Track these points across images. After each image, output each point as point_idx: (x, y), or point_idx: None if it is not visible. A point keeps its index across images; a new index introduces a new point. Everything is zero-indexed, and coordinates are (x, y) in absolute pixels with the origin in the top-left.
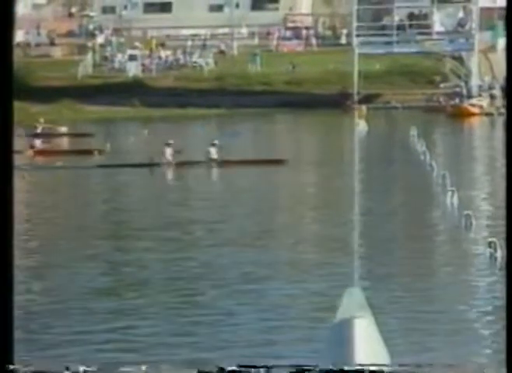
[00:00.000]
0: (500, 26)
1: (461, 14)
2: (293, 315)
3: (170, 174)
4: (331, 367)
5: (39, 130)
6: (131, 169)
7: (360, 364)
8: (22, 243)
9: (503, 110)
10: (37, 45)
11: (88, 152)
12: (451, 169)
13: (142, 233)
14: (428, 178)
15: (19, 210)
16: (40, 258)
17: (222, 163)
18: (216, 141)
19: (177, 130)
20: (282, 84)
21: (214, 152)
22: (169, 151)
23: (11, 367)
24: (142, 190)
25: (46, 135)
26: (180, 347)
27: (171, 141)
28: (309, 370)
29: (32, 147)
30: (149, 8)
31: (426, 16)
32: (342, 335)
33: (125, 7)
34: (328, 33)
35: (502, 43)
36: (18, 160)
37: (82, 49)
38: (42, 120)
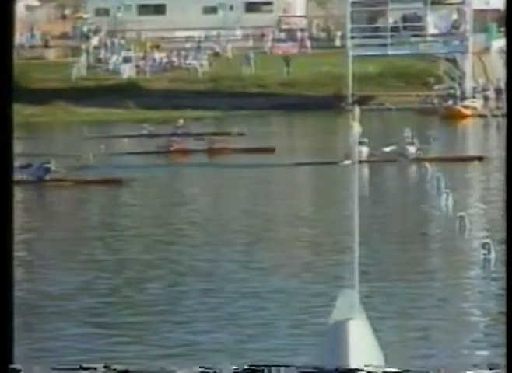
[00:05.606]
0: (494, 28)
1: (454, 16)
2: None
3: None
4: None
5: (179, 131)
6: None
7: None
8: None
9: (497, 112)
10: (31, 47)
11: (264, 151)
12: (445, 171)
13: None
14: (422, 179)
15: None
16: None
17: (418, 160)
18: (414, 141)
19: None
20: (277, 86)
21: (413, 151)
22: (364, 150)
23: (11, 367)
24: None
25: (185, 135)
26: None
27: (365, 140)
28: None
29: (211, 149)
30: (142, 10)
31: (419, 18)
32: (337, 337)
33: (119, 9)
34: (322, 35)
35: (496, 45)
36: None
37: (76, 51)
38: (181, 120)
